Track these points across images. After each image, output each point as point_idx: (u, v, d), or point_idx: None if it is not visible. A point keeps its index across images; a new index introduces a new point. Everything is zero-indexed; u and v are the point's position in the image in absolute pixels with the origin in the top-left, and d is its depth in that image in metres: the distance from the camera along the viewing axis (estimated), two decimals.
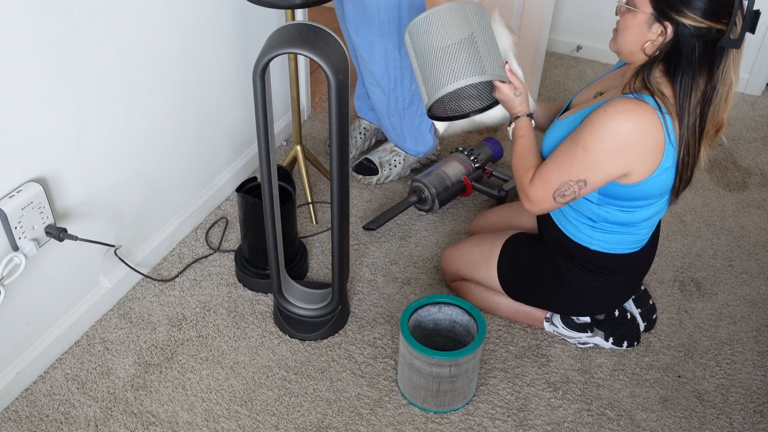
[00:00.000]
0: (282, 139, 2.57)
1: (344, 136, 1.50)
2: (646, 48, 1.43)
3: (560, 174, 1.50)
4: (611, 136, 1.41)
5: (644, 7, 1.40)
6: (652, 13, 1.39)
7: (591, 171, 1.46)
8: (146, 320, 1.89)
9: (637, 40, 1.44)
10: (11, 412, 1.66)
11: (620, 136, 1.41)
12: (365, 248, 2.15)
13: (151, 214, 1.99)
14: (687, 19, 1.35)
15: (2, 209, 1.47)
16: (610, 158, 1.43)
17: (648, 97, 1.41)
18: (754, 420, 1.71)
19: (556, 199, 1.53)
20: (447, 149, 2.58)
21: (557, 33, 3.20)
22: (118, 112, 1.75)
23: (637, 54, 1.45)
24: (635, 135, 1.40)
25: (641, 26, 1.42)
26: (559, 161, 1.50)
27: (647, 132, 1.40)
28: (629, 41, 1.45)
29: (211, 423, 1.66)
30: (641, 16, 1.41)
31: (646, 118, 1.39)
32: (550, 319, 1.86)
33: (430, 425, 1.67)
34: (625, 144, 1.41)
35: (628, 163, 1.44)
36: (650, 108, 1.40)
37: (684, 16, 1.35)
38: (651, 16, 1.40)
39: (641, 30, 1.42)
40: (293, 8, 1.87)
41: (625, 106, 1.40)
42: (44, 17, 1.45)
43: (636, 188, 1.50)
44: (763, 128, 2.77)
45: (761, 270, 2.13)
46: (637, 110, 1.39)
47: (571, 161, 1.47)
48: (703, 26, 1.35)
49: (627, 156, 1.43)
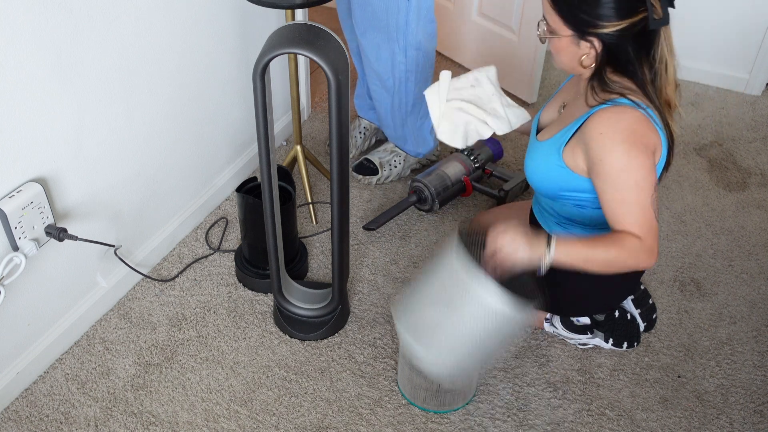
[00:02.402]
0: (282, 139, 2.57)
1: (344, 136, 1.50)
2: (583, 61, 1.45)
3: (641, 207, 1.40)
4: (624, 142, 1.40)
5: (563, 31, 1.42)
6: (573, 35, 1.41)
7: (646, 179, 1.41)
8: (146, 320, 1.89)
9: (572, 58, 1.47)
10: (11, 412, 1.66)
11: (628, 136, 1.40)
12: (365, 248, 2.15)
13: (151, 214, 1.99)
14: (606, 28, 1.37)
15: (2, 209, 1.47)
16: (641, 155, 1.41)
17: (621, 100, 1.42)
18: (754, 420, 1.71)
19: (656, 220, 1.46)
20: (447, 149, 2.58)
21: None
22: (118, 112, 1.75)
23: (578, 68, 1.48)
24: (637, 127, 1.41)
25: (569, 47, 1.44)
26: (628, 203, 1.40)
27: (639, 124, 1.41)
28: (565, 61, 1.49)
29: (211, 423, 1.66)
30: (565, 39, 1.43)
31: (632, 115, 1.41)
32: (550, 319, 1.86)
33: (430, 425, 1.67)
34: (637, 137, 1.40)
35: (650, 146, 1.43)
36: (629, 107, 1.41)
37: (602, 27, 1.37)
38: (574, 36, 1.42)
39: (571, 49, 1.45)
40: (293, 8, 1.87)
41: (609, 117, 1.41)
42: (44, 17, 1.45)
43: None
44: (763, 128, 2.77)
45: (761, 270, 2.13)
46: (620, 114, 1.40)
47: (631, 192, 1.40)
48: (625, 26, 1.36)
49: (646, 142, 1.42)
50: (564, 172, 1.53)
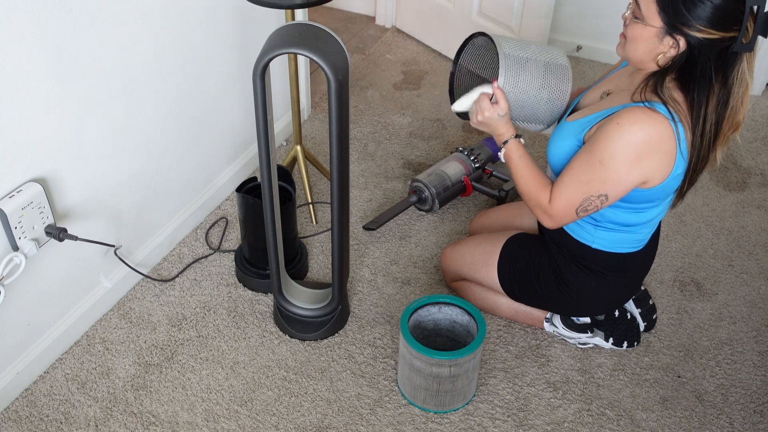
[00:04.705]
0: (282, 139, 2.58)
1: (344, 136, 1.50)
2: (659, 60, 1.41)
3: (581, 190, 1.48)
4: (626, 147, 1.40)
5: (654, 21, 1.37)
6: (662, 27, 1.37)
7: (611, 185, 1.45)
8: (146, 320, 1.89)
9: (649, 52, 1.41)
10: (11, 412, 1.66)
11: (635, 146, 1.39)
12: (365, 248, 2.15)
13: (151, 214, 1.99)
14: (698, 32, 1.33)
15: (2, 209, 1.47)
16: (627, 170, 1.42)
17: (660, 106, 1.39)
18: (754, 420, 1.71)
19: (578, 214, 1.52)
20: (447, 149, 2.58)
21: (557, 33, 3.20)
22: (118, 112, 1.75)
23: (649, 63, 1.43)
24: (650, 144, 1.39)
25: (652, 39, 1.39)
26: (578, 177, 1.48)
27: (661, 141, 1.39)
28: (640, 52, 1.43)
29: (211, 423, 1.66)
30: (651, 29, 1.38)
31: (659, 128, 1.38)
32: (550, 319, 1.86)
33: (430, 425, 1.67)
34: (641, 153, 1.40)
35: (646, 173, 1.43)
36: (662, 117, 1.38)
37: (695, 29, 1.33)
38: (661, 30, 1.37)
39: (652, 42, 1.39)
40: (293, 8, 1.87)
41: (637, 117, 1.39)
42: (44, 17, 1.45)
43: (645, 191, 1.49)
44: (763, 128, 2.77)
45: (761, 270, 2.13)
46: (649, 120, 1.38)
47: (589, 177, 1.45)
48: (716, 37, 1.33)
49: (644, 165, 1.42)
50: None
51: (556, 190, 1.52)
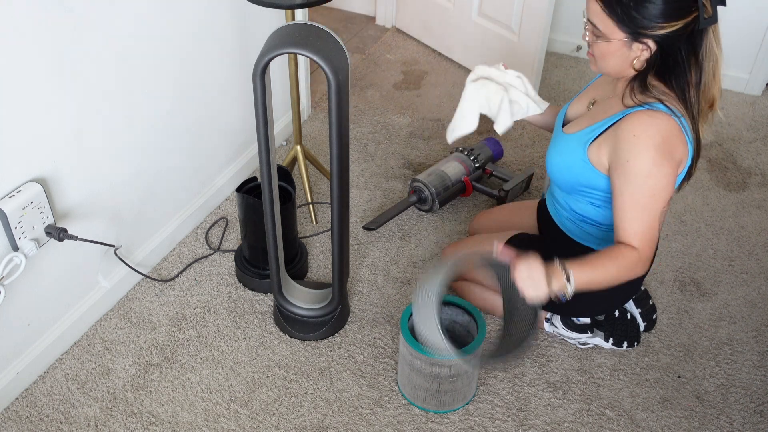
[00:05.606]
0: (282, 139, 2.57)
1: (344, 136, 1.50)
2: (635, 65, 1.43)
3: (650, 211, 1.43)
4: (656, 151, 1.40)
5: (615, 34, 1.39)
6: (625, 37, 1.39)
7: (666, 189, 1.43)
8: (146, 320, 1.89)
9: (623, 62, 1.44)
10: (11, 412, 1.66)
11: (660, 146, 1.40)
12: (365, 248, 2.15)
13: (151, 214, 1.99)
14: (661, 29, 1.36)
15: (2, 209, 1.47)
16: (668, 168, 1.42)
17: (658, 105, 1.41)
18: (754, 420, 1.71)
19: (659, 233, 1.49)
20: (447, 149, 2.58)
21: (557, 33, 3.20)
22: (118, 111, 1.75)
23: (627, 71, 1.46)
24: (670, 139, 1.41)
25: (620, 50, 1.42)
26: (639, 205, 1.43)
27: (673, 134, 1.41)
28: (613, 64, 1.45)
29: (211, 423, 1.66)
30: (615, 42, 1.40)
31: (667, 124, 1.40)
32: (550, 319, 1.86)
33: (430, 425, 1.67)
34: (666, 150, 1.41)
35: (677, 157, 1.44)
36: (665, 114, 1.41)
37: (657, 28, 1.36)
38: (626, 39, 1.39)
39: (622, 53, 1.42)
40: (293, 8, 1.87)
41: (645, 121, 1.40)
42: (44, 17, 1.45)
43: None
44: (763, 128, 2.77)
45: (761, 270, 2.13)
46: (656, 120, 1.40)
47: (646, 197, 1.42)
48: (679, 26, 1.35)
49: (674, 156, 1.43)
50: (586, 168, 1.53)
51: (630, 232, 1.44)
